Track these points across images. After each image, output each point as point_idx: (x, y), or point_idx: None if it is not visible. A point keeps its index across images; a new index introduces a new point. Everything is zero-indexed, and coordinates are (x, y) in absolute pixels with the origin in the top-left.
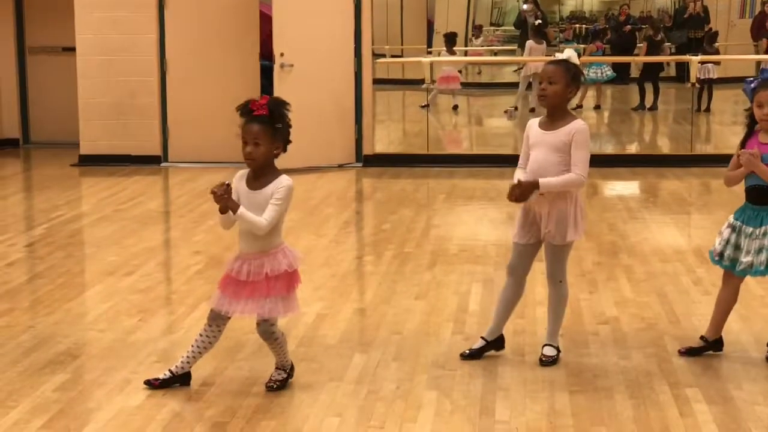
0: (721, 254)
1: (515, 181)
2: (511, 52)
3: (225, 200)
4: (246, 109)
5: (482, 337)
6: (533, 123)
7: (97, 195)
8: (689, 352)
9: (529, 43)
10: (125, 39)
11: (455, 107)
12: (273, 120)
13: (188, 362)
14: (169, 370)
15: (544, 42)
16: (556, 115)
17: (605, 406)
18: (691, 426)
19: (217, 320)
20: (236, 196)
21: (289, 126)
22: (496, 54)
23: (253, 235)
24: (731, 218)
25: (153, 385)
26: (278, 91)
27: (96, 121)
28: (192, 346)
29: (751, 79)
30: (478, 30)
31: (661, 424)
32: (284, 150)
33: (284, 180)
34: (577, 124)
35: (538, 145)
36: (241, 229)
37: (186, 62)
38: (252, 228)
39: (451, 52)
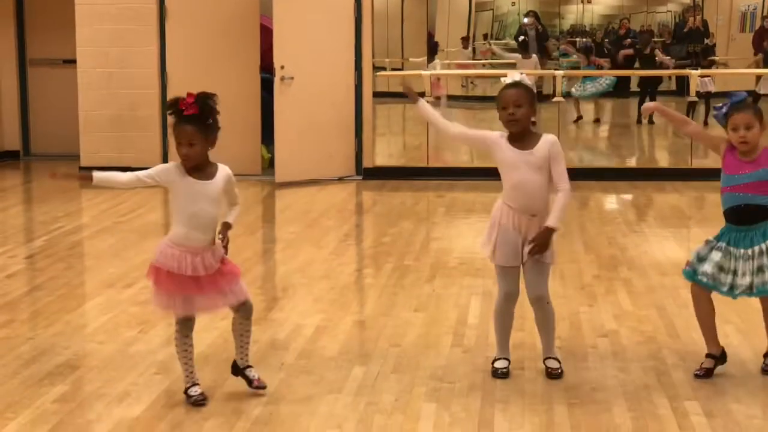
0: (712, 277)
1: None
2: (512, 66)
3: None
4: (175, 109)
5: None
6: (499, 140)
7: (97, 207)
8: (707, 374)
9: (518, 60)
10: (126, 51)
11: None
12: (203, 117)
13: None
14: (196, 384)
15: (533, 56)
16: (526, 135)
17: (604, 419)
18: None
19: (189, 325)
20: (152, 182)
21: (218, 127)
22: (484, 66)
23: (213, 228)
24: (716, 241)
25: (201, 400)
26: (278, 104)
27: (96, 133)
28: (185, 363)
29: (720, 105)
30: (465, 41)
31: None
32: (212, 146)
33: (227, 169)
34: (550, 138)
35: (518, 167)
36: (198, 225)
37: (187, 75)
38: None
39: (430, 61)
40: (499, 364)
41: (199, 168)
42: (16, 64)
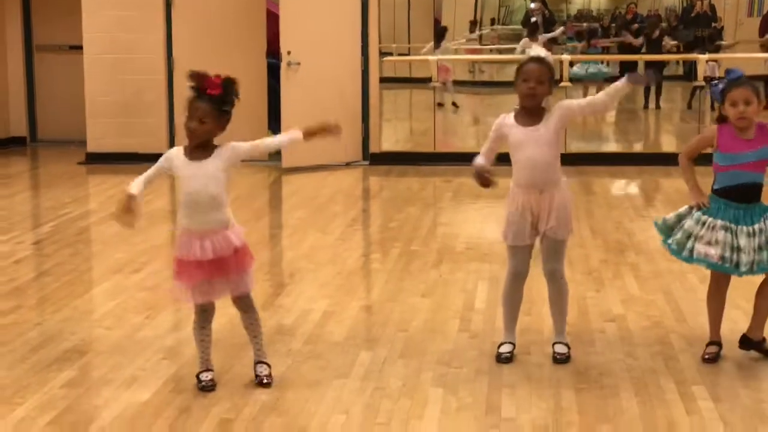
0: (722, 257)
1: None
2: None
3: (128, 218)
4: (199, 84)
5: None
6: (506, 120)
7: (104, 193)
8: (715, 359)
9: (524, 41)
10: (132, 37)
11: (454, 104)
12: (223, 102)
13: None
14: (209, 369)
15: (539, 38)
16: (536, 112)
17: (611, 403)
18: (697, 423)
19: (206, 316)
20: (162, 172)
21: (235, 104)
22: (491, 52)
23: (216, 208)
24: (719, 221)
25: (210, 386)
26: (285, 90)
27: (103, 119)
28: (201, 349)
29: (716, 81)
30: (473, 25)
31: (667, 422)
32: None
33: (231, 143)
34: (558, 105)
35: (526, 144)
36: (198, 205)
37: (193, 60)
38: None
39: (437, 47)
40: (503, 349)
41: (199, 149)
42: (23, 50)
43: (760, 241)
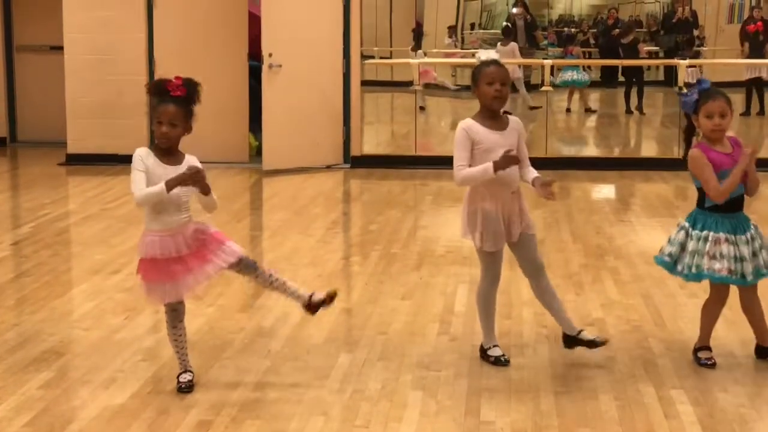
0: (729, 270)
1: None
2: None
3: (205, 181)
4: (161, 89)
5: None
6: (473, 125)
7: (84, 194)
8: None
9: (498, 45)
10: (113, 38)
11: (421, 108)
12: (189, 101)
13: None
14: (188, 371)
15: (512, 44)
16: (499, 115)
17: (590, 407)
18: (676, 428)
19: (176, 315)
20: (147, 173)
21: (199, 103)
22: (473, 56)
23: (183, 207)
24: (721, 234)
25: (187, 388)
26: (266, 92)
27: (83, 120)
28: (176, 350)
29: (686, 92)
30: (451, 30)
31: (645, 426)
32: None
33: (194, 159)
34: (516, 119)
35: (497, 148)
36: (168, 206)
37: (174, 62)
38: (212, 205)
39: (415, 51)
40: (497, 352)
41: (169, 153)
42: (3, 51)
43: (754, 248)
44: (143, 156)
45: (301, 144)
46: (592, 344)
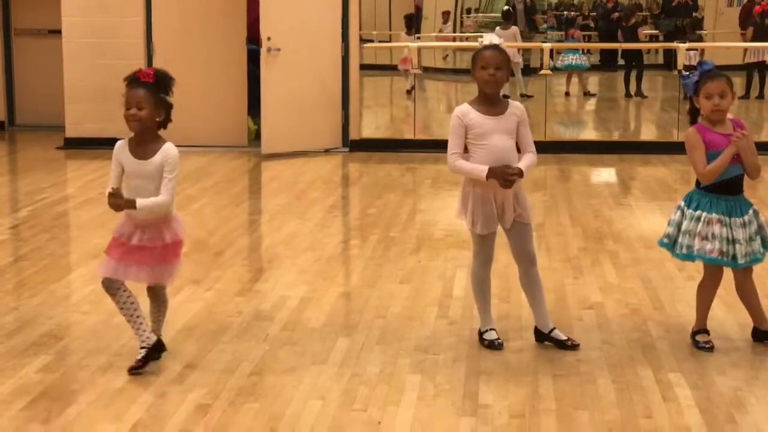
0: (720, 252)
1: (485, 170)
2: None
3: (118, 204)
4: (132, 77)
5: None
6: (467, 111)
7: (82, 178)
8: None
9: (497, 29)
10: (112, 22)
11: (408, 91)
12: (158, 88)
13: (145, 330)
14: (143, 347)
15: (513, 27)
16: (496, 99)
17: (588, 390)
18: (674, 410)
19: (114, 287)
20: (120, 168)
21: (171, 104)
22: (467, 40)
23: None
24: (714, 215)
25: (138, 368)
26: (265, 76)
27: (81, 104)
28: (132, 320)
29: (687, 74)
30: (446, 15)
31: (643, 408)
32: (165, 125)
33: (171, 149)
34: (518, 104)
35: (492, 133)
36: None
37: (173, 46)
38: (156, 210)
39: (410, 34)
40: (492, 335)
41: (141, 142)
42: (1, 34)
43: (750, 231)
44: (117, 151)
45: (300, 128)
46: (561, 344)
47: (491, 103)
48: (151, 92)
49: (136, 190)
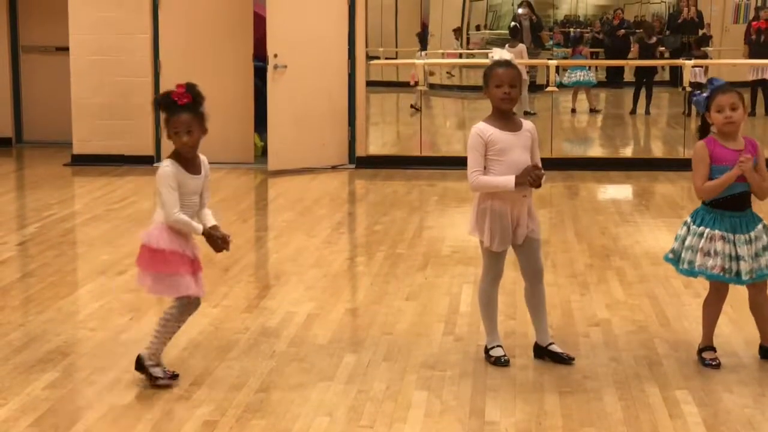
0: (722, 268)
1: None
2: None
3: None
4: (168, 102)
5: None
6: (486, 128)
7: (89, 194)
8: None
9: (506, 46)
10: (119, 39)
11: (413, 105)
12: (196, 104)
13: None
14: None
15: (520, 45)
16: (510, 116)
17: (595, 407)
18: (681, 428)
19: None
20: (178, 189)
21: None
22: (476, 57)
23: (195, 215)
24: (717, 231)
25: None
26: (271, 92)
27: (89, 120)
28: (169, 336)
29: (698, 92)
30: (457, 32)
31: (650, 426)
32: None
33: (205, 159)
34: (530, 123)
35: (512, 149)
36: (192, 211)
37: (180, 63)
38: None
39: (421, 50)
40: (498, 352)
41: (192, 158)
42: (9, 51)
43: (756, 248)
44: (174, 173)
45: (307, 144)
46: (559, 358)
47: (507, 119)
48: (194, 113)
49: (190, 205)
